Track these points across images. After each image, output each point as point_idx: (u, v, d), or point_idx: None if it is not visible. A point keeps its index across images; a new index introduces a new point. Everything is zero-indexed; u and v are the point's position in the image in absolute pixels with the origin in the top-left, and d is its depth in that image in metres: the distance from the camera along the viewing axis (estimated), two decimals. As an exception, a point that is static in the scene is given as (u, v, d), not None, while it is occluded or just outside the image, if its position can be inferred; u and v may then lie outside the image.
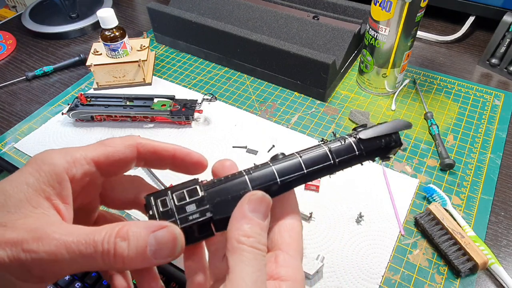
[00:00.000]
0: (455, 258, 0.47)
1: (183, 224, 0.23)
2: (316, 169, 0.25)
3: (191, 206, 0.24)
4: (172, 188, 0.24)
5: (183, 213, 0.23)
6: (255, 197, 0.24)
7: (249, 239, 0.22)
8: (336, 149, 0.26)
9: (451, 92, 0.72)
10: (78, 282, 0.50)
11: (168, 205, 0.24)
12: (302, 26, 0.74)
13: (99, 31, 0.83)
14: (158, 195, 0.24)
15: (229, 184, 0.25)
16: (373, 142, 0.26)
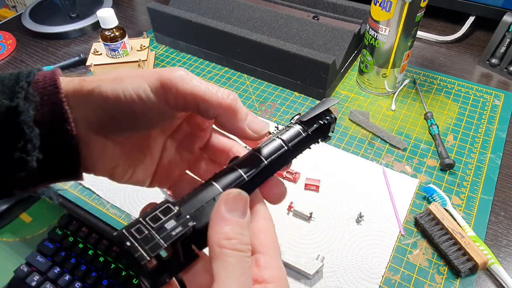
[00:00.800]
0: (455, 258, 0.47)
1: (168, 241, 0.21)
2: (275, 158, 0.26)
3: (170, 223, 0.22)
4: (141, 216, 0.22)
5: (164, 231, 0.22)
6: (231, 195, 0.23)
7: (231, 241, 0.21)
8: (286, 137, 0.27)
9: (451, 92, 0.72)
10: (78, 282, 0.50)
11: (144, 231, 0.21)
12: (302, 26, 0.74)
13: (99, 31, 0.83)
14: (128, 227, 0.22)
15: (200, 194, 0.24)
16: (313, 122, 0.29)
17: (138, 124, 0.25)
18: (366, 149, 0.63)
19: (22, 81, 0.22)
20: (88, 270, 0.52)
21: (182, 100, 0.24)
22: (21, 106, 0.22)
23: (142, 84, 0.24)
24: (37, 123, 0.22)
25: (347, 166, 0.60)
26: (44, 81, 0.23)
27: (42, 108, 0.22)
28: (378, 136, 0.65)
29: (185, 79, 0.24)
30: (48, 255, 0.53)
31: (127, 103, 0.24)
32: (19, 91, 0.22)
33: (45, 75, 0.23)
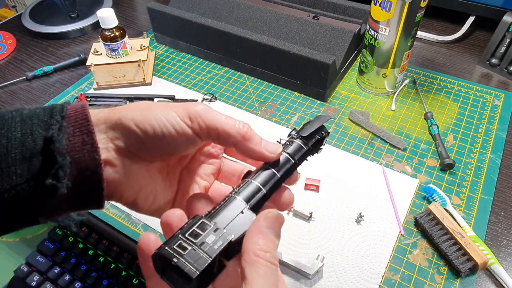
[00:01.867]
0: (455, 258, 0.47)
1: (213, 255, 0.22)
2: (285, 170, 0.30)
3: (210, 237, 0.23)
4: (177, 233, 0.23)
5: (207, 246, 0.23)
6: (271, 214, 0.25)
7: (266, 254, 0.23)
8: (291, 151, 0.31)
9: (451, 92, 0.72)
10: (78, 282, 0.50)
11: (187, 247, 0.22)
12: (302, 26, 0.74)
13: (99, 31, 0.83)
14: (170, 244, 0.23)
15: (227, 208, 0.26)
16: (312, 137, 0.33)
17: (165, 148, 0.27)
18: (366, 149, 0.63)
19: (56, 115, 0.25)
20: (88, 270, 0.52)
21: (206, 129, 0.27)
22: (55, 136, 0.24)
23: (171, 112, 0.27)
24: (68, 153, 0.24)
25: (347, 166, 0.60)
26: (76, 115, 0.25)
27: (74, 139, 0.25)
28: (378, 136, 0.65)
29: (208, 111, 0.27)
30: (48, 255, 0.53)
31: (158, 128, 0.26)
32: (53, 123, 0.25)
33: (76, 108, 0.26)
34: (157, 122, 0.26)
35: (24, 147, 0.24)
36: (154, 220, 0.55)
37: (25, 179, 0.24)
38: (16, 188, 0.24)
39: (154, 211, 0.31)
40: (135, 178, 0.28)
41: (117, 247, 0.53)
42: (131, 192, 0.28)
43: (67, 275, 0.51)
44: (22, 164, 0.24)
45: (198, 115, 0.27)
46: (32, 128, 0.24)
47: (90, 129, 0.25)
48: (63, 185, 0.24)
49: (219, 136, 0.28)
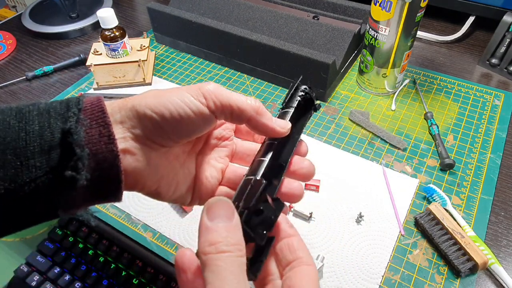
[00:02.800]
0: (455, 258, 0.47)
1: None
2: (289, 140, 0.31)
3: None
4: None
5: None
6: (209, 204, 0.23)
7: (215, 246, 0.22)
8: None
9: (451, 92, 0.72)
10: (78, 282, 0.50)
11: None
12: (302, 26, 0.74)
13: (99, 31, 0.83)
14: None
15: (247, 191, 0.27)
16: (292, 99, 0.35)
17: (183, 130, 0.28)
18: (366, 149, 0.63)
19: (73, 108, 0.25)
20: (88, 270, 0.51)
21: (220, 106, 0.27)
22: (73, 128, 0.24)
23: (185, 94, 0.27)
24: (86, 145, 0.25)
25: (347, 166, 0.60)
26: (92, 108, 0.26)
27: (91, 131, 0.25)
28: (378, 136, 0.65)
29: (221, 89, 0.28)
30: (48, 255, 0.53)
31: (175, 110, 0.26)
32: (71, 116, 0.25)
33: (92, 101, 0.26)
34: (173, 105, 0.26)
35: (43, 140, 0.24)
36: (154, 220, 0.55)
37: (44, 171, 0.24)
38: (35, 181, 0.24)
39: (176, 199, 0.31)
40: (155, 166, 0.28)
41: (117, 247, 0.53)
42: (153, 181, 0.28)
43: (67, 275, 0.51)
44: (41, 157, 0.24)
45: (211, 93, 0.27)
46: (49, 121, 0.24)
47: (106, 121, 0.25)
48: (82, 177, 0.24)
49: (233, 112, 0.28)
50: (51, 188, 0.24)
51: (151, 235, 0.53)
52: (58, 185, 0.24)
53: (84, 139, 0.24)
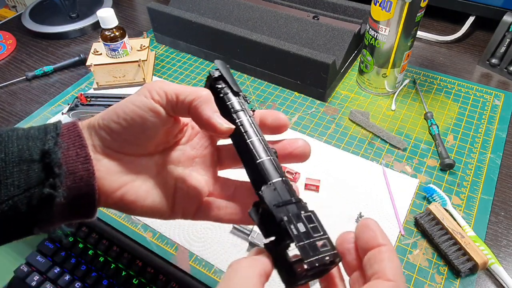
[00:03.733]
0: (455, 258, 0.47)
1: None
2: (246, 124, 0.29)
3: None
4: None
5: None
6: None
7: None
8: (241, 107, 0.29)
9: (451, 92, 0.72)
10: (78, 282, 0.50)
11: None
12: (302, 26, 0.74)
13: (99, 31, 0.83)
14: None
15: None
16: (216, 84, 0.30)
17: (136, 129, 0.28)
18: (366, 149, 0.63)
19: (51, 133, 0.27)
20: (88, 270, 0.51)
21: (164, 95, 0.27)
22: (52, 149, 0.26)
23: (132, 96, 0.28)
24: (63, 164, 0.26)
25: (347, 166, 0.60)
26: (69, 132, 0.27)
27: (68, 153, 0.26)
28: (378, 136, 0.65)
29: (166, 82, 0.28)
30: (48, 255, 0.53)
31: (122, 112, 0.27)
32: (49, 139, 0.26)
33: (68, 126, 0.28)
34: (120, 108, 0.27)
35: (21, 160, 0.25)
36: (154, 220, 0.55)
37: (23, 190, 0.25)
38: (13, 199, 0.25)
39: (149, 210, 0.30)
40: (117, 174, 0.28)
41: (117, 247, 0.53)
42: (114, 187, 0.28)
43: (67, 275, 0.51)
44: (20, 176, 0.25)
45: (155, 85, 0.28)
46: (28, 144, 0.26)
47: (83, 143, 0.27)
48: (59, 194, 0.25)
49: (178, 100, 0.27)
50: (29, 205, 0.25)
51: (151, 235, 0.53)
52: (35, 202, 0.25)
53: (61, 159, 0.26)
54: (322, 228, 0.25)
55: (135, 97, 0.28)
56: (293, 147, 0.30)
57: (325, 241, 0.24)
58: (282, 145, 0.30)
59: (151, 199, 0.30)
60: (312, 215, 0.25)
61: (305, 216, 0.25)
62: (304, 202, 0.26)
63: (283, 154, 0.30)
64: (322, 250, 0.23)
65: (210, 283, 0.48)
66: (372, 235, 0.25)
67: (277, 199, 0.25)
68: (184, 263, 0.50)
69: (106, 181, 0.28)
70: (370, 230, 0.25)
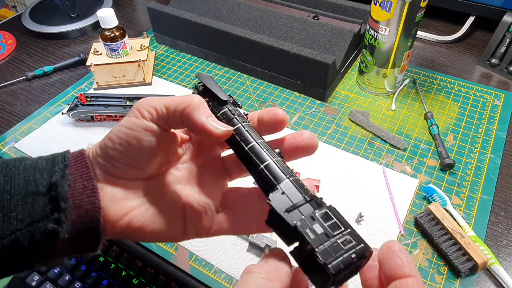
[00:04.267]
0: (455, 258, 0.47)
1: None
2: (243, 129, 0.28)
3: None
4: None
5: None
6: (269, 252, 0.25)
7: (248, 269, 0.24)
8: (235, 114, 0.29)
9: (451, 92, 0.72)
10: (78, 282, 0.50)
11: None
12: (302, 26, 0.74)
13: (99, 31, 0.83)
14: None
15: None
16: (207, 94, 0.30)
17: (132, 151, 0.27)
18: (366, 149, 0.63)
19: (59, 164, 0.26)
20: (88, 270, 0.51)
21: (155, 111, 0.27)
22: (59, 182, 0.25)
23: (124, 118, 0.27)
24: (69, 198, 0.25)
25: (347, 166, 0.60)
26: (76, 164, 0.27)
27: (75, 185, 0.26)
28: (378, 136, 0.65)
29: (152, 98, 0.27)
30: (48, 255, 0.53)
31: (116, 136, 0.27)
32: (57, 171, 0.26)
33: (76, 157, 0.27)
34: (114, 133, 0.27)
35: (27, 193, 0.24)
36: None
37: (26, 224, 0.24)
38: (16, 233, 0.24)
39: (160, 234, 0.29)
40: (121, 201, 0.28)
41: (117, 247, 0.53)
42: (119, 215, 0.27)
43: (67, 275, 0.51)
44: (24, 209, 0.24)
45: (140, 103, 0.27)
46: (35, 175, 0.25)
47: (90, 175, 0.26)
48: (64, 230, 0.24)
49: (169, 111, 0.26)
50: (31, 240, 0.24)
51: (151, 235, 0.53)
52: (38, 237, 0.24)
53: (68, 192, 0.25)
54: (342, 222, 0.23)
55: (126, 120, 0.27)
56: (299, 140, 0.29)
57: (347, 237, 0.22)
58: (286, 141, 0.29)
59: (159, 223, 0.29)
60: (328, 211, 0.24)
61: (321, 215, 0.23)
62: (319, 198, 0.24)
63: (289, 150, 0.29)
64: (347, 248, 0.21)
65: (210, 283, 0.48)
66: (399, 263, 0.22)
67: (287, 204, 0.24)
68: (184, 263, 0.50)
69: (111, 210, 0.27)
70: (398, 257, 0.22)
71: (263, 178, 0.25)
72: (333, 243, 0.21)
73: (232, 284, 0.48)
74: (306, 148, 0.29)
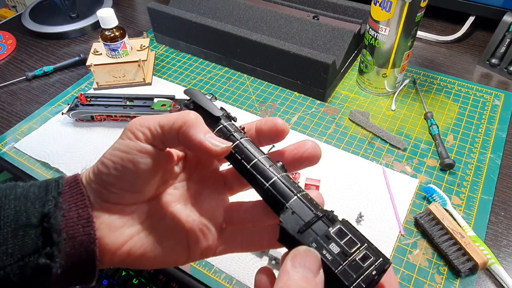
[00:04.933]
0: (455, 258, 0.47)
1: None
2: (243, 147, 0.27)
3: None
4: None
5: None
6: (297, 251, 0.22)
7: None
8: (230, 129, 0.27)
9: (451, 92, 0.72)
10: (78, 282, 0.50)
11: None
12: (302, 26, 0.74)
13: (99, 31, 0.83)
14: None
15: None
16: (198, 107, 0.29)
17: (127, 176, 0.25)
18: (366, 149, 0.63)
19: (52, 192, 0.25)
20: (88, 270, 0.52)
21: (149, 131, 0.25)
22: (52, 212, 0.24)
23: (116, 141, 0.26)
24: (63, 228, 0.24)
25: (347, 166, 0.60)
26: (71, 190, 0.25)
27: (69, 214, 0.24)
28: (378, 136, 0.65)
29: (143, 118, 0.26)
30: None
31: (109, 160, 0.25)
32: (50, 199, 0.24)
33: (70, 182, 0.25)
34: (108, 158, 0.25)
35: (17, 225, 0.23)
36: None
37: (16, 259, 0.23)
38: (5, 269, 0.22)
39: (162, 260, 0.28)
40: (120, 229, 0.26)
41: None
42: (118, 244, 0.26)
43: (67, 275, 0.51)
44: (14, 243, 0.23)
45: (133, 124, 0.25)
46: (26, 205, 0.24)
47: (85, 203, 0.25)
48: (56, 264, 0.23)
49: (164, 130, 0.25)
50: (21, 276, 0.23)
51: (151, 235, 0.53)
52: (29, 273, 0.23)
53: (61, 223, 0.23)
54: (358, 237, 0.22)
55: (120, 142, 0.25)
56: (301, 151, 0.27)
57: (365, 252, 0.21)
58: (289, 152, 0.28)
59: (161, 248, 0.27)
60: (342, 227, 0.23)
61: (335, 232, 0.22)
62: (331, 212, 0.24)
63: (291, 161, 0.28)
64: (366, 265, 0.21)
65: (210, 283, 0.48)
66: None
67: (299, 224, 0.23)
68: (184, 263, 0.50)
69: (109, 239, 0.26)
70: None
71: (271, 197, 0.25)
72: (352, 262, 0.21)
73: (232, 284, 0.48)
74: (310, 159, 0.28)
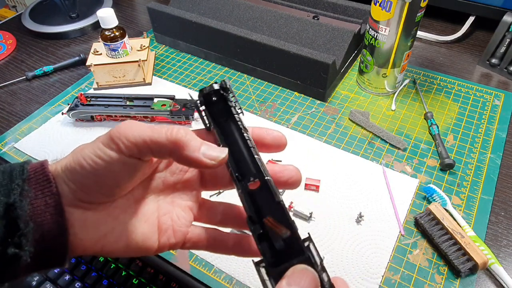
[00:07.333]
0: (455, 258, 0.47)
1: None
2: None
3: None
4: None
5: None
6: (294, 270, 0.22)
7: None
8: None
9: (451, 92, 0.72)
10: (78, 282, 0.50)
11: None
12: (302, 26, 0.74)
13: (99, 31, 0.83)
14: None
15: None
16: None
17: (106, 181, 0.25)
18: (366, 149, 0.63)
19: (17, 179, 0.24)
20: (88, 270, 0.51)
21: (133, 147, 0.24)
22: (17, 202, 0.23)
23: (96, 143, 0.25)
24: (31, 217, 0.23)
25: (347, 166, 0.60)
26: (36, 177, 0.24)
27: (36, 202, 0.24)
28: (378, 136, 0.65)
29: (130, 127, 0.25)
30: (48, 255, 0.53)
31: (86, 164, 0.24)
32: (15, 188, 0.23)
33: (36, 169, 0.25)
34: (84, 159, 0.24)
35: None
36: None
37: None
38: None
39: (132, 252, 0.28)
40: (94, 225, 0.26)
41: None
42: (92, 240, 0.26)
43: (67, 275, 0.51)
44: None
45: (120, 134, 0.24)
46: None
47: (52, 190, 0.24)
48: (26, 253, 0.23)
49: (152, 149, 0.25)
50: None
51: (151, 235, 0.53)
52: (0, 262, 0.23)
53: (28, 211, 0.23)
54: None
55: (102, 149, 0.24)
56: (287, 177, 0.28)
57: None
58: (273, 174, 0.28)
59: (134, 242, 0.28)
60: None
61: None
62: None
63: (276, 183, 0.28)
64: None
65: (210, 283, 0.48)
66: None
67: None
68: (184, 263, 0.50)
69: (83, 235, 0.25)
70: None
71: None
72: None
73: (232, 284, 0.48)
74: (291, 183, 0.29)
